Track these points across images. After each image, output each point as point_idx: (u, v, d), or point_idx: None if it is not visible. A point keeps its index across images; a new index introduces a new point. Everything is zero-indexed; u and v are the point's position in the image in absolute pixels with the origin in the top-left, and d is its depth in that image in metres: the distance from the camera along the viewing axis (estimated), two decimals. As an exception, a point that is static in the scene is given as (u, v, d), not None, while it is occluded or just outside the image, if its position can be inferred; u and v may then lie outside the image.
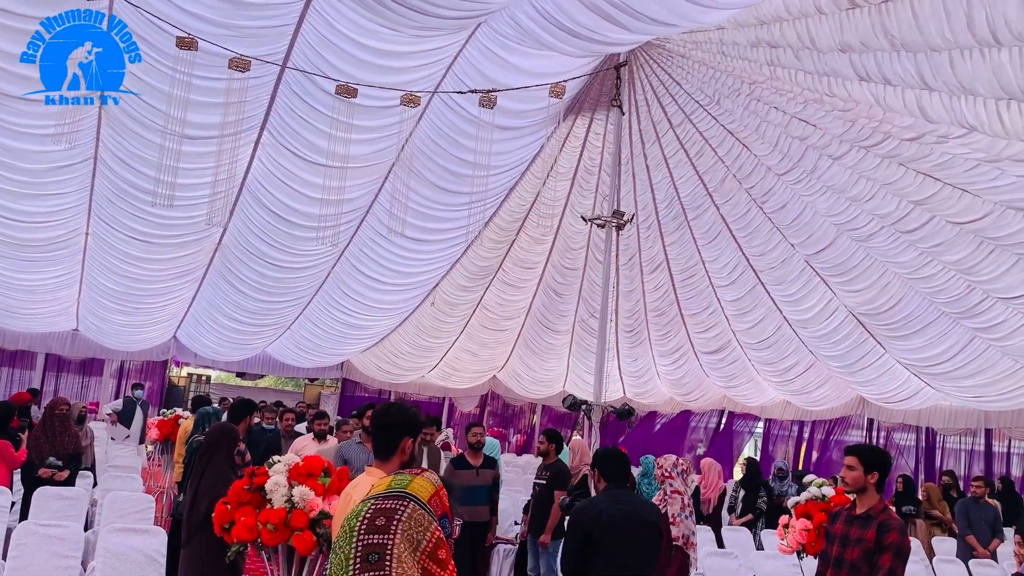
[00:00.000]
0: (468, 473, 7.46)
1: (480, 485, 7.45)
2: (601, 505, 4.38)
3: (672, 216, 13.86)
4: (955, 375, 12.55)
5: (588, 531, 4.25)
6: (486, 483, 7.52)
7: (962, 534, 9.25)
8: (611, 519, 4.26)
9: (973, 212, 9.56)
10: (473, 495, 7.33)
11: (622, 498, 4.44)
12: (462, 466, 7.55)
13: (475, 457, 7.63)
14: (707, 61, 10.47)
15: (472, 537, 7.29)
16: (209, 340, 15.93)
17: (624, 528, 4.25)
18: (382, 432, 3.06)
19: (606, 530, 4.22)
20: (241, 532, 3.78)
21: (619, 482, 4.55)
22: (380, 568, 2.12)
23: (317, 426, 7.94)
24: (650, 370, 17.59)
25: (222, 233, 12.34)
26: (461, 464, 7.60)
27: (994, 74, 6.53)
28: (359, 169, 10.68)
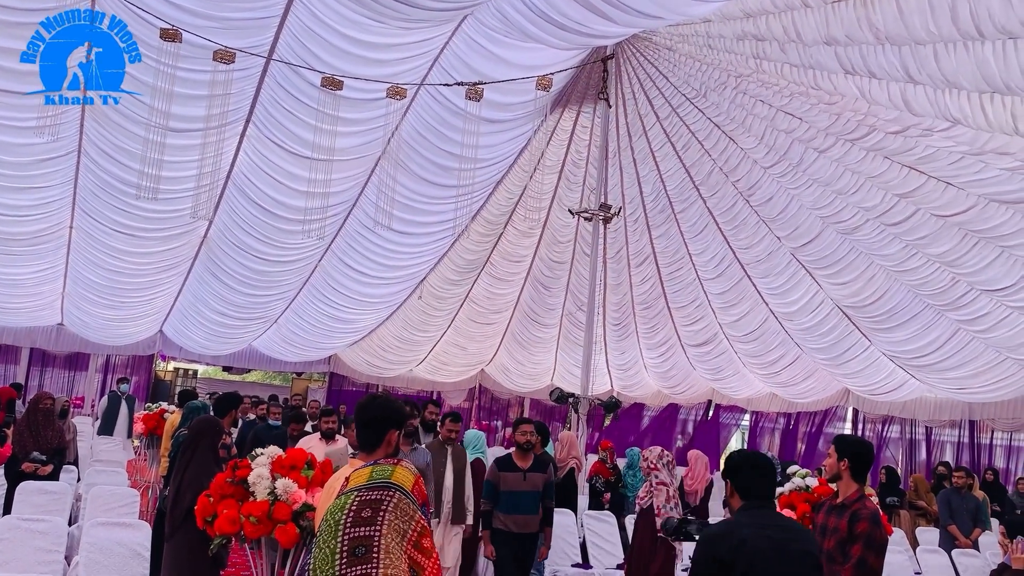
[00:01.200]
0: (514, 477, 6.44)
1: (529, 491, 6.42)
2: (743, 531, 3.33)
3: (659, 209, 13.88)
4: (939, 367, 12.62)
5: (727, 565, 3.29)
6: (536, 489, 6.46)
7: (944, 524, 9.33)
8: (758, 549, 3.29)
9: (957, 205, 9.61)
10: (520, 502, 6.38)
11: (770, 522, 3.42)
12: (507, 468, 6.48)
13: (524, 459, 6.53)
14: (693, 54, 10.48)
15: (520, 551, 6.44)
16: (195, 334, 15.86)
17: (775, 561, 3.28)
18: (368, 424, 3.05)
19: (752, 564, 3.26)
20: (224, 525, 3.77)
21: (763, 500, 3.50)
22: (368, 561, 2.10)
23: (324, 424, 7.29)
24: (637, 363, 17.64)
25: (207, 226, 12.28)
26: (507, 466, 6.51)
27: (978, 68, 6.56)
28: (345, 162, 10.64)
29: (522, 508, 6.38)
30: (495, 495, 6.37)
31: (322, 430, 7.20)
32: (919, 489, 11.08)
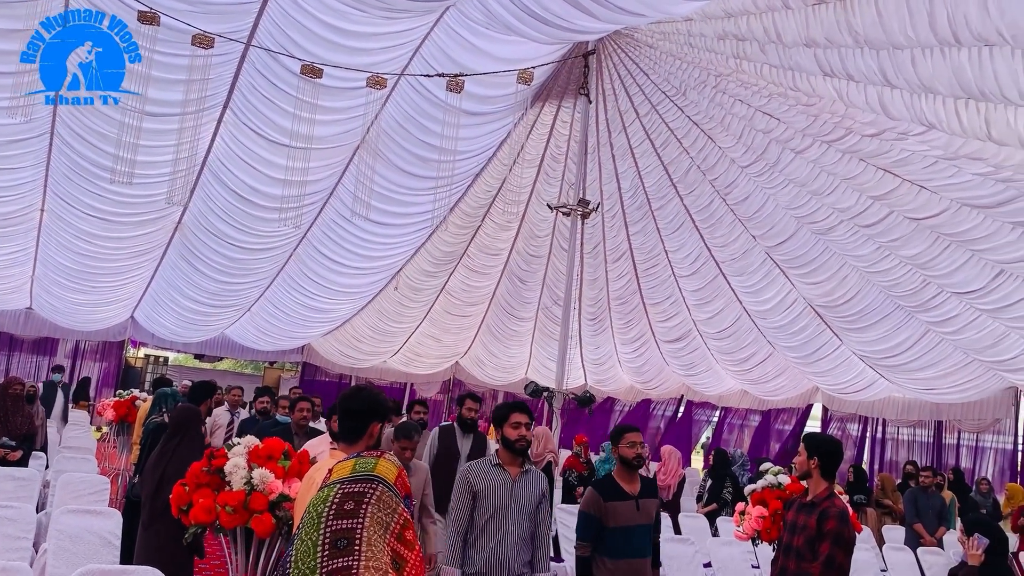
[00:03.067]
0: (625, 507, 4.60)
1: (642, 525, 4.64)
2: None
3: (637, 206, 13.94)
4: (909, 367, 12.81)
5: None
6: (648, 521, 4.69)
7: (910, 522, 9.49)
8: None
9: (930, 208, 9.74)
10: (631, 541, 4.58)
11: None
12: (615, 495, 4.62)
13: (631, 480, 4.71)
14: (674, 52, 10.52)
15: None
16: (167, 321, 15.71)
17: None
18: (352, 416, 3.06)
19: None
20: (199, 514, 3.75)
21: None
22: (349, 553, 2.10)
23: (335, 424, 7.30)
24: (611, 358, 17.73)
25: (182, 212, 12.16)
26: (613, 492, 4.64)
27: (954, 74, 6.64)
28: (323, 150, 10.58)
29: (635, 549, 4.59)
30: (598, 534, 4.54)
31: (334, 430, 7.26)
32: (885, 488, 11.24)
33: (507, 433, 4.41)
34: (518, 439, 4.38)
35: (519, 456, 4.41)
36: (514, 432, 4.40)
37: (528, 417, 4.47)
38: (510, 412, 4.45)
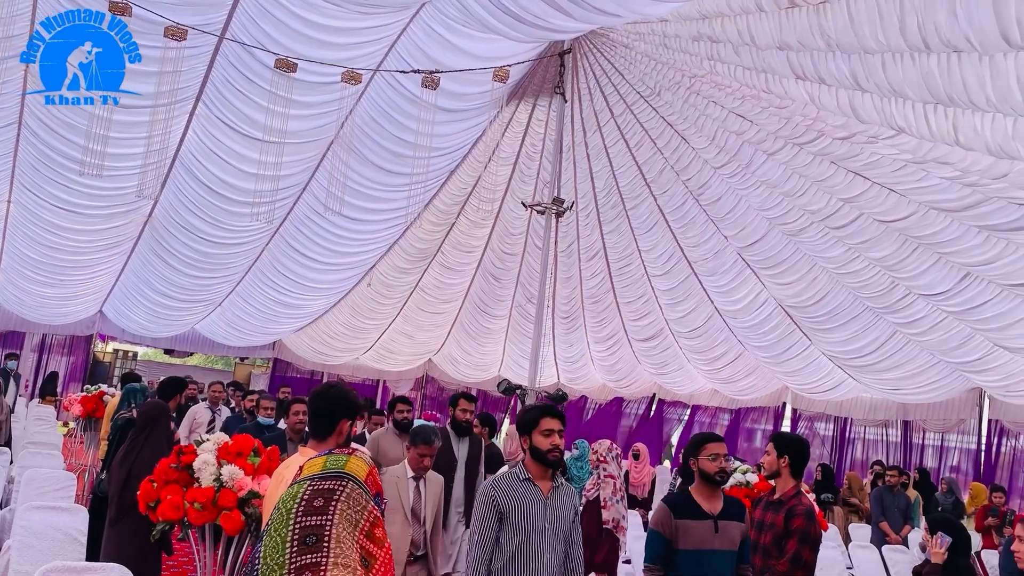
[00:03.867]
0: (701, 528, 3.87)
1: (721, 551, 3.85)
2: None
3: (611, 205, 14.00)
4: (876, 368, 12.99)
5: None
6: (731, 547, 3.90)
7: (876, 521, 9.64)
8: None
9: (899, 211, 9.88)
10: (708, 568, 3.83)
11: None
12: (689, 513, 3.90)
13: (712, 497, 3.97)
14: (649, 53, 10.57)
15: None
16: (137, 315, 15.53)
17: None
18: (322, 413, 3.07)
19: None
20: (167, 511, 3.72)
21: None
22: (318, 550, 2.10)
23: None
24: (584, 356, 17.79)
25: (153, 205, 12.03)
26: (687, 509, 3.92)
27: (923, 79, 6.74)
28: (297, 145, 10.51)
29: None
30: (668, 556, 3.87)
31: None
32: (852, 486, 11.40)
33: (537, 442, 3.65)
34: (551, 449, 3.63)
35: (551, 468, 3.70)
36: (546, 441, 3.64)
37: (560, 422, 3.72)
38: (540, 417, 3.68)
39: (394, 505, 4.72)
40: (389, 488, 4.67)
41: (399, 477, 4.88)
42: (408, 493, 4.85)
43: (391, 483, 4.77)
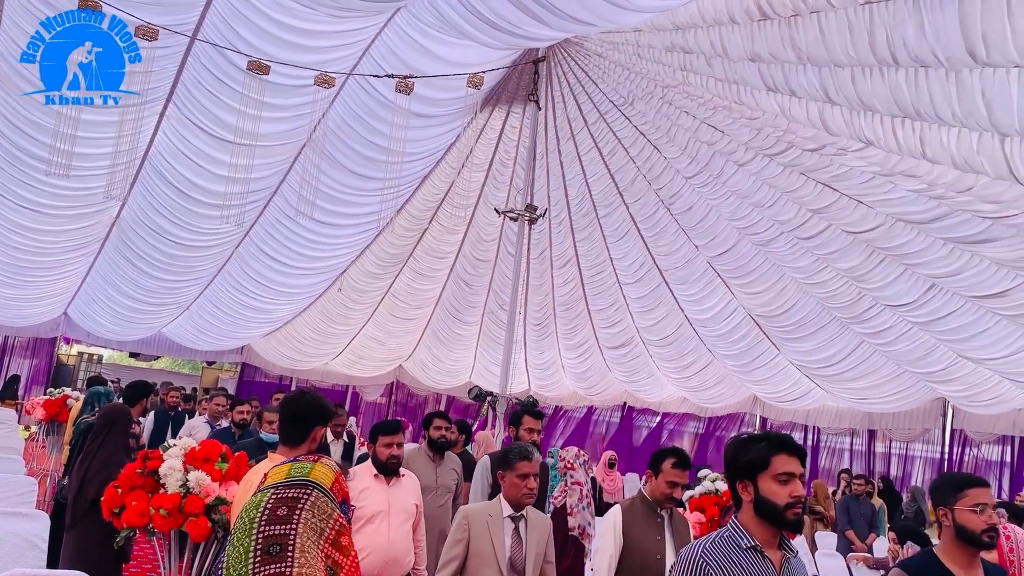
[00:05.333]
0: None
1: None
2: None
3: (583, 213, 14.05)
4: (843, 377, 13.14)
5: None
6: None
7: (842, 529, 9.73)
8: None
9: (866, 223, 10.01)
10: None
11: None
12: None
13: (969, 565, 2.95)
14: (623, 62, 10.63)
15: None
16: (102, 318, 15.29)
17: None
18: (295, 420, 3.04)
19: None
20: (132, 517, 3.65)
21: None
22: (282, 560, 2.06)
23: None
24: (555, 363, 17.81)
25: (120, 207, 11.85)
26: None
27: (891, 93, 6.85)
28: (268, 148, 10.42)
29: None
30: None
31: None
32: (818, 495, 11.50)
33: (768, 491, 2.46)
34: (790, 504, 2.46)
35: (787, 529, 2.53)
36: (783, 491, 2.48)
37: (801, 463, 2.55)
38: (771, 454, 2.50)
39: (486, 557, 3.69)
40: (478, 532, 3.72)
41: (491, 517, 3.78)
42: (504, 538, 3.73)
43: (480, 525, 3.74)
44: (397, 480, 4.51)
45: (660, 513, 4.22)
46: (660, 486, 4.19)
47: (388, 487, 4.43)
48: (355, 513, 4.11)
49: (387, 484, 4.45)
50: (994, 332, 10.22)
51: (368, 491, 4.35)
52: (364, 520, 4.23)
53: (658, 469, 4.22)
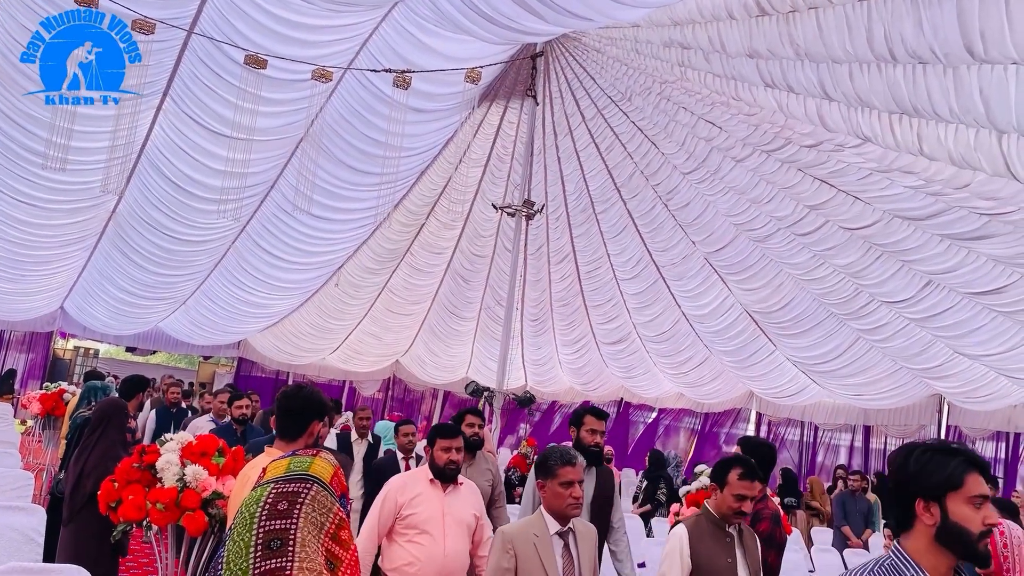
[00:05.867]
0: None
1: None
2: None
3: (581, 209, 14.05)
4: (839, 373, 13.16)
5: None
6: None
7: (838, 525, 9.76)
8: None
9: (863, 219, 10.02)
10: None
11: None
12: None
13: None
14: (621, 58, 10.62)
15: None
16: (99, 312, 15.28)
17: None
18: (293, 414, 3.04)
19: None
20: (129, 511, 3.65)
21: None
22: (283, 554, 2.07)
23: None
24: (552, 359, 17.82)
25: (117, 201, 11.84)
26: None
27: (889, 89, 6.85)
28: (265, 142, 10.41)
29: None
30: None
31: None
32: (814, 491, 11.54)
33: None
34: None
35: None
36: None
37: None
38: None
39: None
40: (526, 557, 3.32)
41: (537, 537, 3.36)
42: (555, 559, 3.36)
43: (525, 543, 3.35)
44: (455, 488, 4.19)
45: (729, 531, 3.81)
46: (726, 500, 3.76)
47: (444, 495, 4.13)
48: (407, 521, 3.96)
49: (443, 491, 4.14)
50: (990, 328, 10.23)
51: (421, 497, 4.06)
52: (416, 529, 3.98)
53: (723, 481, 3.80)
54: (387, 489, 4.10)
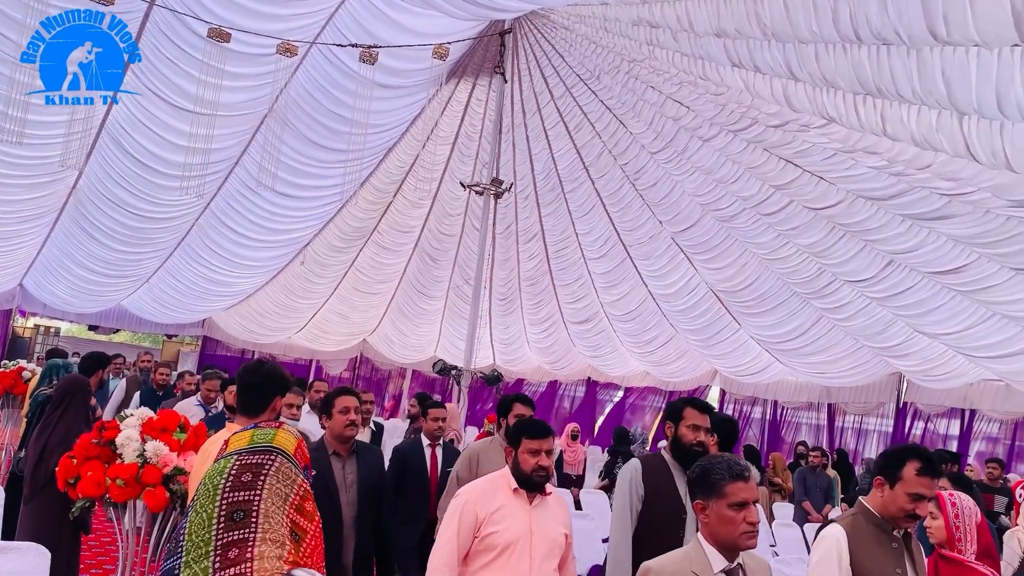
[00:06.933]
0: None
1: None
2: None
3: (549, 188, 14.04)
4: (802, 352, 13.34)
5: None
6: None
7: (798, 500, 9.94)
8: None
9: (827, 199, 10.12)
10: None
11: None
12: None
13: None
14: (590, 36, 10.59)
15: None
16: (60, 290, 15.02)
17: None
18: (255, 389, 3.01)
19: None
20: (88, 487, 3.61)
21: None
22: (246, 526, 2.05)
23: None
24: (520, 338, 17.87)
25: (77, 177, 11.60)
26: None
27: (854, 70, 6.91)
28: (229, 118, 10.25)
29: None
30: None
31: None
32: (776, 467, 11.71)
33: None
34: None
35: None
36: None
37: None
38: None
39: None
40: None
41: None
42: None
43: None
44: (542, 499, 3.38)
45: (895, 536, 3.06)
46: (898, 499, 3.03)
47: (531, 507, 3.32)
48: (487, 541, 3.19)
49: (529, 503, 3.33)
50: (949, 308, 10.42)
51: (504, 511, 3.25)
52: (497, 551, 3.18)
53: (895, 476, 3.06)
54: (464, 499, 3.29)
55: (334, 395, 4.24)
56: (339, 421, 4.08)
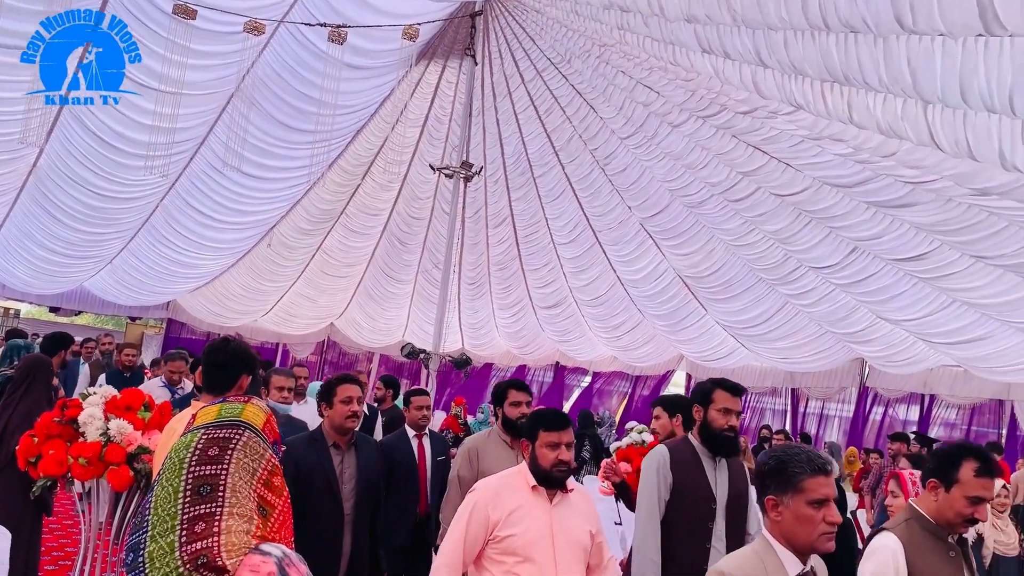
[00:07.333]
0: None
1: None
2: None
3: (519, 172, 14.02)
4: (767, 337, 13.51)
5: None
6: None
7: (762, 482, 10.07)
8: None
9: (794, 186, 10.22)
10: None
11: None
12: None
13: None
14: (561, 19, 10.56)
15: None
16: (19, 271, 14.72)
17: None
18: (221, 367, 2.96)
19: None
20: (49, 466, 3.55)
21: None
22: (212, 500, 2.04)
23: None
24: (489, 322, 17.87)
25: (38, 154, 11.36)
26: None
27: (822, 57, 6.96)
28: (195, 97, 10.10)
29: None
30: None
31: None
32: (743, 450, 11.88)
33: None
34: None
35: None
36: None
37: None
38: None
39: None
40: None
41: None
42: None
43: None
44: (563, 496, 3.12)
45: (951, 542, 2.84)
46: (955, 503, 2.80)
47: (551, 506, 3.07)
48: (503, 544, 2.96)
49: (549, 502, 3.08)
50: (911, 294, 10.60)
51: (522, 511, 3.01)
52: (517, 556, 2.95)
53: (951, 478, 2.82)
54: (475, 498, 3.05)
55: (336, 382, 3.97)
56: (340, 412, 3.84)
